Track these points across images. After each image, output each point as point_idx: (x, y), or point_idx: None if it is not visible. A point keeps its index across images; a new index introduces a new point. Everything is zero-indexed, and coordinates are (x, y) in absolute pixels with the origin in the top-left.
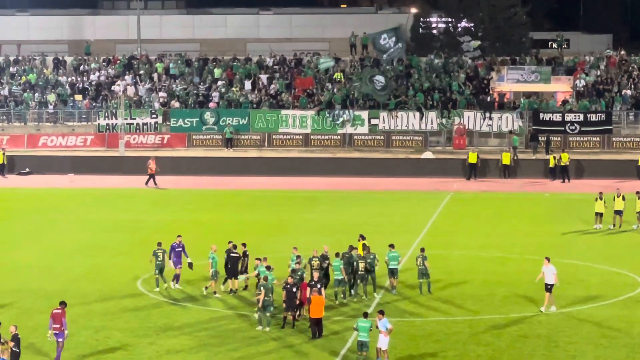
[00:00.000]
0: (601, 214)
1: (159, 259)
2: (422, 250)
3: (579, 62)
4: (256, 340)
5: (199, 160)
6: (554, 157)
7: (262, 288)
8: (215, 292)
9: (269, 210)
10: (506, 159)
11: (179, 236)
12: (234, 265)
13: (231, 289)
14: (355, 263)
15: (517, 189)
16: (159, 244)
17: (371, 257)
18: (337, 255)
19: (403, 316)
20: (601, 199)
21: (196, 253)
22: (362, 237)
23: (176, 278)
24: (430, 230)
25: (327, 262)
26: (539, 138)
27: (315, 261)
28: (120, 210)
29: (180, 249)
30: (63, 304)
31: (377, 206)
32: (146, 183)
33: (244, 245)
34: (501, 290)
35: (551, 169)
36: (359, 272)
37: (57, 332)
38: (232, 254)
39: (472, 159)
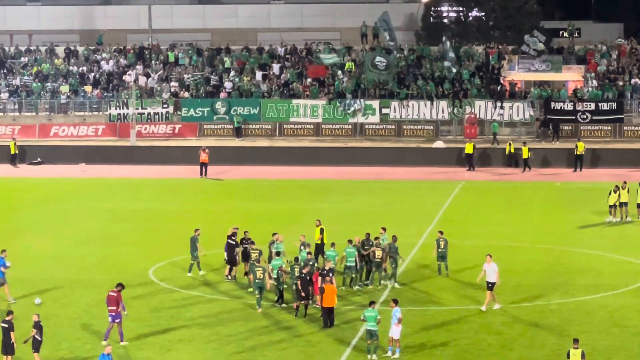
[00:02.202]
0: (614, 206)
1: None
2: (441, 232)
3: (590, 51)
4: (267, 330)
5: (210, 150)
6: (509, 144)
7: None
8: None
9: (280, 199)
10: (512, 148)
11: (236, 228)
12: (232, 252)
13: (227, 275)
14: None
15: (528, 178)
16: (196, 231)
17: (395, 246)
18: (349, 242)
19: (415, 305)
20: (616, 192)
21: (209, 242)
22: (319, 222)
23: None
24: (441, 220)
25: (307, 249)
26: (550, 125)
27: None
28: (131, 200)
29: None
30: (120, 285)
31: (388, 195)
32: (204, 174)
33: (246, 232)
34: (512, 280)
35: (511, 157)
36: (375, 260)
37: (113, 313)
38: (230, 241)
39: (469, 149)
